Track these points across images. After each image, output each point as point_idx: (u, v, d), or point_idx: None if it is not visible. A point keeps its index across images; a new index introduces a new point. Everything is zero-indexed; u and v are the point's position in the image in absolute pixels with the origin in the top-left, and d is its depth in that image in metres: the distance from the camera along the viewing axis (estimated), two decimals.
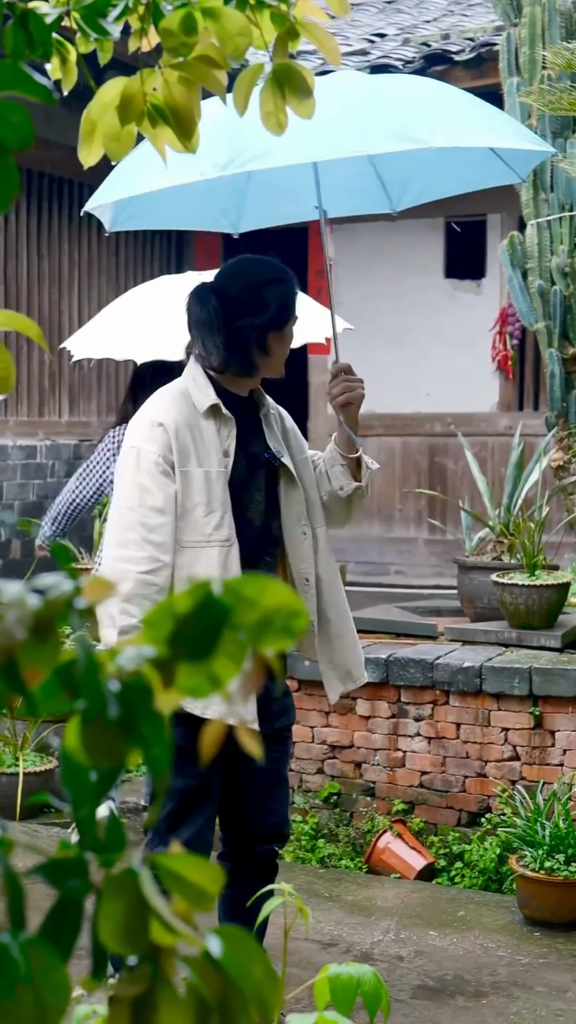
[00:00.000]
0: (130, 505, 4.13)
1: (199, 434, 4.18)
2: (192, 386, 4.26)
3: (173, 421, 4.16)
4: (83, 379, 11.62)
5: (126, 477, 4.17)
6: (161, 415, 4.19)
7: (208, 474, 4.15)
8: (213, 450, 4.18)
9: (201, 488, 4.13)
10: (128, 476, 4.16)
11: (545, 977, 5.39)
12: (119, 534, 4.13)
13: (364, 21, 13.15)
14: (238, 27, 1.97)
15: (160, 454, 4.13)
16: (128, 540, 4.10)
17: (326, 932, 5.84)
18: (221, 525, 4.14)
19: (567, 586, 7.52)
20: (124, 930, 1.10)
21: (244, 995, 1.14)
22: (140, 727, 1.05)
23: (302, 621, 1.04)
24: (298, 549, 4.41)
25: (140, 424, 4.23)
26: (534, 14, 9.03)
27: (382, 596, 11.09)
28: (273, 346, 4.31)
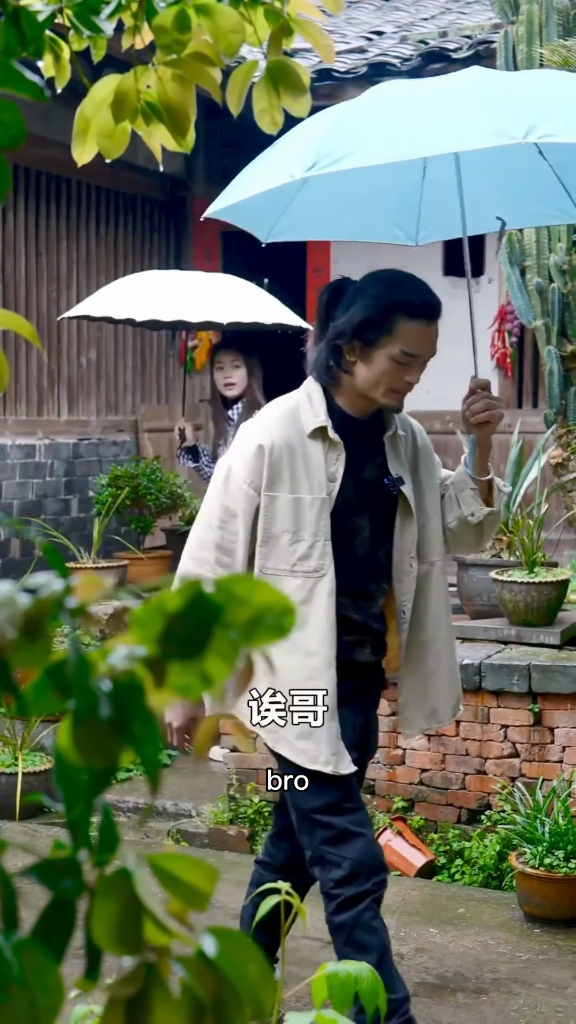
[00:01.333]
0: (211, 523, 4.05)
1: (301, 457, 4.02)
2: (305, 403, 4.09)
3: (272, 443, 4.00)
4: (82, 378, 11.62)
5: (214, 492, 4.09)
6: (262, 436, 4.03)
7: (299, 501, 3.99)
8: (315, 474, 4.01)
9: (288, 515, 3.99)
10: (216, 492, 4.08)
11: (545, 973, 5.39)
12: (197, 550, 4.08)
13: (362, 19, 13.15)
14: (231, 24, 1.97)
15: (247, 480, 4.01)
16: (204, 559, 4.05)
17: (325, 930, 5.82)
18: (309, 555, 4.00)
19: (566, 583, 7.51)
20: (118, 930, 1.10)
21: (239, 995, 1.14)
22: (132, 726, 1.05)
23: (292, 619, 1.04)
24: (402, 581, 4.23)
25: (241, 441, 4.11)
26: (531, 12, 9.01)
27: None
28: (351, 363, 4.05)
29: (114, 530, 10.38)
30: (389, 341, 4.00)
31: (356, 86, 11.07)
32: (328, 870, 4.10)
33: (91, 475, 11.22)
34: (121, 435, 12.01)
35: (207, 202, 14.33)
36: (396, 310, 4.01)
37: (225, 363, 7.93)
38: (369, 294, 4.06)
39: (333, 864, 4.09)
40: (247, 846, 7.01)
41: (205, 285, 8.32)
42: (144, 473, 10.03)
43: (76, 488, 11.24)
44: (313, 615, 4.00)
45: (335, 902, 4.10)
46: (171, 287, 8.20)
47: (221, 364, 7.95)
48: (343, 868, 4.08)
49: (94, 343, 11.73)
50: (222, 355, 7.98)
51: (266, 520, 4.00)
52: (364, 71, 10.96)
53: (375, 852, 4.16)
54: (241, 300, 8.09)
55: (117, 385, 12.11)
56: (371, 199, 4.76)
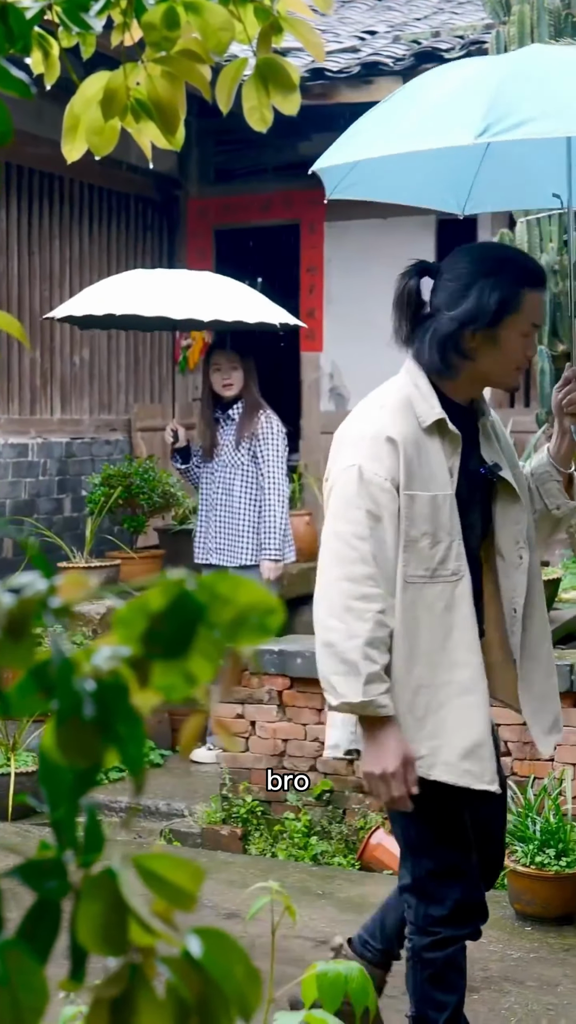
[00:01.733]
0: (360, 534, 3.61)
1: (424, 452, 3.71)
2: (415, 395, 3.78)
3: (403, 436, 3.68)
4: (75, 376, 11.60)
5: (349, 501, 3.65)
6: (389, 427, 3.69)
7: (435, 499, 3.68)
8: (438, 470, 3.71)
9: (427, 515, 3.66)
10: (352, 500, 3.64)
11: (536, 971, 5.39)
12: (348, 567, 3.62)
13: (355, 18, 13.15)
14: (220, 21, 1.96)
15: (388, 476, 3.65)
16: (360, 575, 3.60)
17: (319, 930, 5.83)
18: (447, 558, 3.68)
19: (557, 582, 7.51)
20: (103, 931, 1.09)
21: (225, 995, 1.13)
22: (116, 726, 1.04)
23: (277, 619, 1.04)
24: (512, 576, 3.93)
25: (362, 437, 3.72)
26: (523, 12, 9.01)
27: None
28: (473, 349, 3.79)
29: (107, 529, 10.37)
30: (519, 317, 3.77)
31: (349, 85, 11.09)
32: (427, 904, 3.90)
33: (84, 474, 11.20)
34: (114, 434, 12.00)
35: (201, 201, 14.34)
36: (523, 284, 3.78)
37: (223, 365, 7.97)
38: (488, 272, 3.78)
39: (436, 900, 3.89)
40: (239, 846, 7.01)
41: (194, 283, 8.32)
42: (137, 472, 10.02)
43: (69, 487, 11.23)
44: (457, 623, 3.70)
45: (431, 939, 3.91)
46: (159, 285, 8.20)
47: (219, 366, 7.98)
48: (445, 907, 3.88)
49: (87, 342, 11.72)
50: (219, 357, 8.00)
51: (407, 522, 3.65)
52: (357, 70, 10.96)
53: (480, 893, 4.00)
54: (228, 298, 8.10)
55: (110, 384, 12.10)
56: (437, 164, 4.48)
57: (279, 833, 6.97)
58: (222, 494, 7.99)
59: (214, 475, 8.04)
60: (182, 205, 13.22)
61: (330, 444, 3.87)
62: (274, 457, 7.90)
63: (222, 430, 8.06)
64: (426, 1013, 3.99)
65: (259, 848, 6.98)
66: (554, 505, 4.08)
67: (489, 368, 3.84)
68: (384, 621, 3.60)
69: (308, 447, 12.66)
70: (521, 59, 4.07)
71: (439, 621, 3.71)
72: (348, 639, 3.58)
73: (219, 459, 8.03)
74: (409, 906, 3.99)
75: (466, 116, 3.73)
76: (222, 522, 7.99)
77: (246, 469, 7.94)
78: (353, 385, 12.67)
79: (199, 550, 8.18)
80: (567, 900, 5.91)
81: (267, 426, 7.97)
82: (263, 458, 7.91)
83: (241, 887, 6.12)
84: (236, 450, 7.94)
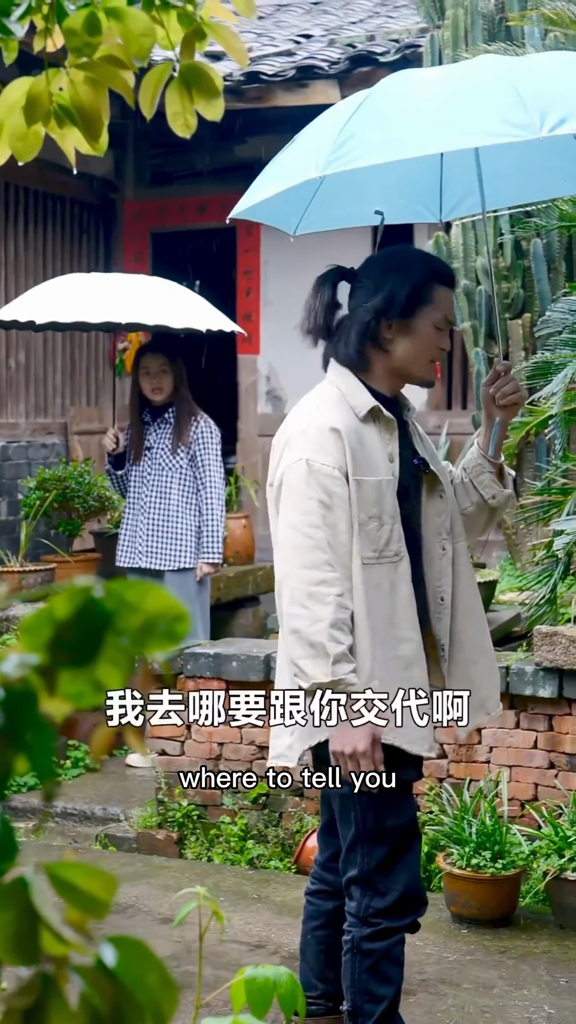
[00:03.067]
0: (314, 523, 3.78)
1: (364, 440, 3.89)
2: (347, 389, 3.97)
3: (344, 425, 3.86)
4: (11, 379, 11.55)
5: (301, 492, 3.81)
6: (331, 420, 3.88)
7: (380, 484, 3.86)
8: (379, 456, 3.91)
9: (373, 499, 3.84)
10: (303, 491, 3.81)
11: (472, 974, 5.41)
12: (306, 555, 3.79)
13: (290, 22, 13.16)
14: (142, 27, 1.96)
15: (335, 465, 3.82)
16: (318, 562, 3.77)
17: (255, 934, 5.83)
18: (391, 539, 3.87)
19: (494, 584, 7.56)
20: (14, 940, 1.09)
21: (139, 1004, 1.13)
22: (25, 735, 1.04)
23: (185, 626, 1.04)
24: (435, 564, 4.10)
25: (304, 432, 3.89)
26: (457, 16, 9.07)
27: None
28: (389, 340, 4.00)
29: (43, 533, 10.33)
30: (432, 309, 4.02)
31: (284, 89, 11.10)
32: (372, 896, 3.99)
33: (20, 478, 11.15)
34: (50, 437, 11.95)
35: (137, 203, 14.36)
36: (433, 279, 4.05)
37: (152, 368, 7.93)
38: (398, 268, 4.06)
39: (380, 892, 3.98)
40: (175, 850, 7.00)
41: (135, 287, 8.28)
42: (72, 476, 9.99)
43: (4, 491, 11.18)
44: (399, 602, 3.89)
45: (372, 929, 3.99)
46: (99, 290, 8.15)
47: (148, 369, 7.95)
48: (388, 898, 3.98)
49: (23, 345, 11.67)
50: (149, 360, 7.95)
51: (357, 507, 3.82)
52: (292, 74, 10.98)
53: (420, 884, 4.08)
54: (172, 303, 8.05)
55: (46, 387, 12.05)
56: (395, 183, 4.69)
57: (215, 837, 6.97)
58: (156, 497, 7.93)
59: (145, 478, 7.97)
60: (118, 208, 13.20)
61: (268, 446, 3.96)
62: (214, 461, 7.90)
63: (155, 433, 8.00)
64: (362, 1006, 4.02)
65: (195, 852, 6.97)
66: (489, 495, 4.24)
67: (405, 359, 4.03)
68: (344, 603, 3.78)
69: (245, 450, 12.67)
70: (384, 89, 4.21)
71: (386, 600, 3.89)
72: (313, 623, 3.74)
73: (152, 462, 7.97)
74: (352, 898, 4.05)
75: (317, 150, 3.98)
76: (155, 525, 7.92)
77: (184, 473, 7.89)
78: (290, 388, 12.68)
79: (124, 554, 8.13)
80: (503, 902, 5.94)
81: (205, 429, 7.94)
82: (203, 462, 7.88)
83: (176, 891, 6.10)
84: (173, 454, 7.89)
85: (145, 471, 7.97)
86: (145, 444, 8.00)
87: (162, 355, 7.94)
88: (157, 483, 7.93)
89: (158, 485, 7.93)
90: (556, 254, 9.06)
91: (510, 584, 8.56)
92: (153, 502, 7.93)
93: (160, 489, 7.93)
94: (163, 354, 7.93)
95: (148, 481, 7.95)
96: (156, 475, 7.94)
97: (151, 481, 7.94)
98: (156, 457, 7.95)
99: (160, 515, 7.91)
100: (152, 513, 7.93)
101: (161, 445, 7.95)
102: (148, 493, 7.96)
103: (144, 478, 7.98)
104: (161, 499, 7.91)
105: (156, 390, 7.92)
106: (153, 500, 7.93)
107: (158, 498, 7.92)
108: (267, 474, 4.08)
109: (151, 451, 7.95)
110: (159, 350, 7.98)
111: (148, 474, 7.96)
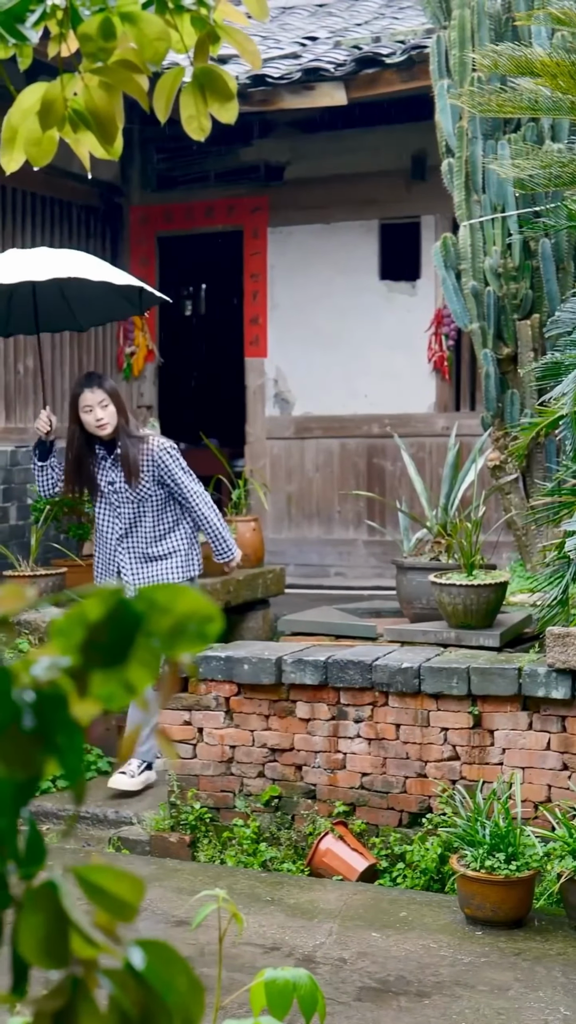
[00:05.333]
0: None
1: None
2: None
3: None
4: (19, 384, 11.56)
5: None
6: None
7: None
8: None
9: None
10: None
11: (487, 976, 5.40)
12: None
13: (295, 24, 13.16)
14: (156, 31, 1.96)
15: None
16: None
17: (268, 936, 5.83)
18: None
19: (505, 585, 7.55)
20: (44, 943, 1.09)
21: (167, 1007, 1.13)
22: (56, 737, 1.04)
23: (216, 626, 1.04)
24: None
25: None
26: (463, 17, 9.06)
27: (322, 598, 11.10)
28: None
29: (53, 537, 10.33)
30: None
31: (290, 91, 11.11)
32: None
33: (29, 482, 11.14)
34: (59, 442, 11.93)
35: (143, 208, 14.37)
36: None
37: (94, 405, 7.64)
38: None
39: None
40: (188, 853, 7.00)
41: (58, 254, 8.39)
42: None
43: (14, 495, 11.18)
44: None
45: None
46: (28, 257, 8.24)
47: (90, 407, 7.65)
48: None
49: (31, 350, 11.68)
50: (87, 397, 7.67)
51: None
52: (298, 76, 10.98)
53: None
54: (89, 264, 8.16)
55: (55, 392, 12.06)
56: None
57: (228, 840, 6.97)
58: (131, 527, 7.76)
59: (119, 510, 7.76)
60: (124, 212, 13.21)
61: (276, 449, 4.03)
62: (182, 475, 7.68)
63: (113, 469, 7.73)
64: None
65: (208, 855, 6.97)
66: None
67: None
68: None
69: (253, 452, 12.67)
70: None
71: None
72: None
73: (117, 495, 7.73)
74: None
75: None
76: (135, 556, 7.79)
77: (154, 498, 7.71)
78: (298, 390, 12.69)
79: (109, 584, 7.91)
80: (517, 904, 5.93)
81: (159, 452, 7.67)
82: (176, 481, 7.66)
83: (190, 894, 6.11)
84: (136, 485, 7.66)
85: (115, 504, 7.77)
86: (107, 479, 7.77)
87: (99, 388, 7.66)
88: (129, 515, 7.74)
89: (130, 516, 7.74)
90: (565, 254, 9.05)
91: (521, 586, 8.55)
92: (130, 532, 7.77)
93: (132, 519, 7.75)
94: (101, 388, 7.67)
95: (121, 513, 7.75)
96: (127, 507, 7.75)
97: (124, 513, 7.75)
98: (121, 491, 7.72)
99: (140, 545, 7.77)
100: (130, 544, 7.77)
101: (118, 478, 7.75)
102: (122, 525, 7.77)
103: (115, 509, 7.79)
104: (135, 528, 7.76)
105: (101, 426, 7.62)
106: (129, 531, 7.77)
107: (133, 527, 7.76)
108: (276, 476, 4.19)
109: (115, 485, 7.74)
110: (96, 384, 7.70)
111: (120, 505, 7.75)
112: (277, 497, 12.50)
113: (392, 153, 12.22)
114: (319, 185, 12.56)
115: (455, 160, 9.14)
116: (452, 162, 9.16)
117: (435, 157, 9.66)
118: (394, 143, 12.15)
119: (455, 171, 9.14)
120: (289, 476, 12.57)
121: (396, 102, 11.50)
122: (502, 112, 7.55)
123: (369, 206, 12.45)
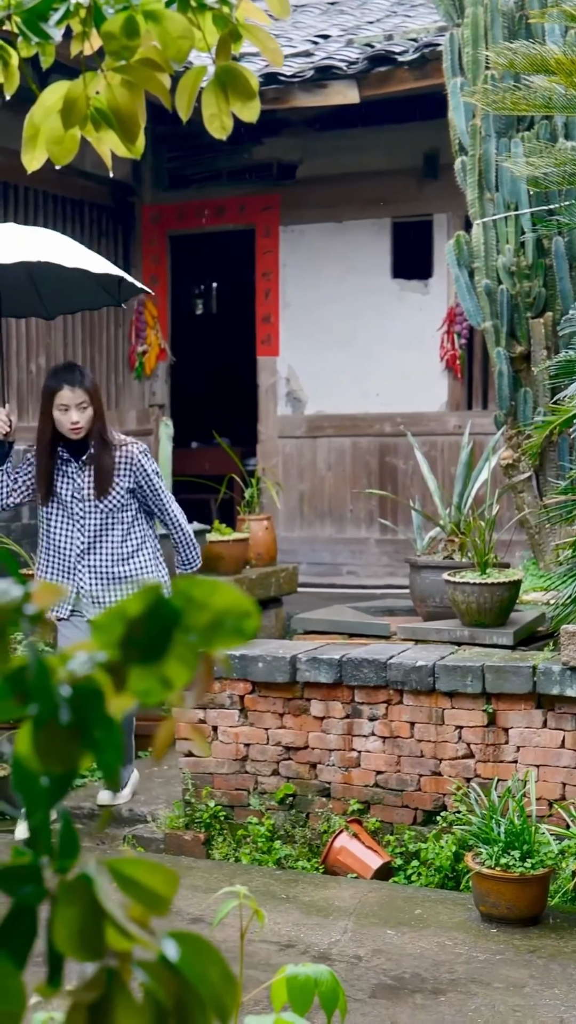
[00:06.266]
0: None
1: None
2: None
3: None
4: (32, 383, 11.58)
5: None
6: None
7: None
8: None
9: None
10: None
11: (502, 973, 5.41)
12: None
13: (307, 22, 13.16)
14: (180, 30, 1.97)
15: None
16: None
17: (284, 933, 5.84)
18: None
19: (518, 584, 7.55)
20: (79, 936, 1.10)
21: (201, 999, 1.14)
22: (92, 731, 1.05)
23: (253, 622, 1.04)
24: None
25: None
26: (476, 14, 9.05)
27: (335, 597, 11.11)
28: None
29: None
30: None
31: (303, 90, 11.11)
32: None
33: None
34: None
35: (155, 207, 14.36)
36: None
37: (71, 405, 7.02)
38: None
39: None
40: (202, 851, 7.01)
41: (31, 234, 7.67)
42: None
43: None
44: None
45: None
46: None
47: (66, 406, 7.02)
48: None
49: (43, 349, 11.70)
50: (66, 395, 7.04)
51: None
52: (311, 74, 10.98)
53: None
54: (64, 247, 7.47)
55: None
56: None
57: (242, 837, 6.98)
58: (94, 542, 7.14)
59: (82, 521, 7.14)
60: (136, 211, 13.22)
61: (288, 447, 4.02)
62: (159, 479, 7.23)
63: (79, 475, 7.14)
64: None
65: (222, 853, 6.98)
66: None
67: None
68: None
69: (265, 451, 12.68)
70: None
71: None
72: None
73: (82, 505, 7.14)
74: None
75: None
76: (102, 572, 7.17)
77: (126, 512, 7.16)
78: (310, 389, 12.69)
79: (65, 604, 7.29)
80: (532, 902, 5.94)
81: (140, 453, 7.18)
82: (152, 485, 7.15)
83: (205, 892, 6.12)
84: (105, 495, 7.10)
85: (76, 514, 7.17)
86: (71, 486, 7.17)
87: (80, 388, 7.03)
88: (93, 526, 7.14)
89: (94, 528, 7.14)
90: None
91: (534, 584, 8.55)
92: (93, 548, 7.17)
93: (98, 530, 7.15)
94: (81, 387, 7.04)
95: (87, 523, 7.14)
96: (93, 517, 7.15)
97: (90, 523, 7.14)
98: (87, 499, 7.14)
99: (104, 563, 7.19)
100: (92, 562, 7.18)
101: (86, 485, 7.16)
102: (84, 539, 7.15)
103: (77, 519, 7.18)
104: (101, 545, 7.17)
105: (75, 429, 7.03)
106: (92, 546, 7.17)
107: (98, 539, 7.17)
108: (288, 475, 4.18)
109: (81, 492, 7.15)
110: (77, 383, 7.06)
111: (85, 515, 7.15)
112: (289, 496, 12.50)
113: (404, 151, 12.22)
114: (331, 183, 12.56)
115: (468, 158, 9.14)
116: (465, 160, 9.16)
117: (447, 155, 9.66)
118: (406, 141, 12.15)
119: (468, 169, 9.14)
120: (301, 475, 12.58)
121: (408, 100, 11.50)
122: (516, 110, 7.55)
123: (381, 204, 12.45)
